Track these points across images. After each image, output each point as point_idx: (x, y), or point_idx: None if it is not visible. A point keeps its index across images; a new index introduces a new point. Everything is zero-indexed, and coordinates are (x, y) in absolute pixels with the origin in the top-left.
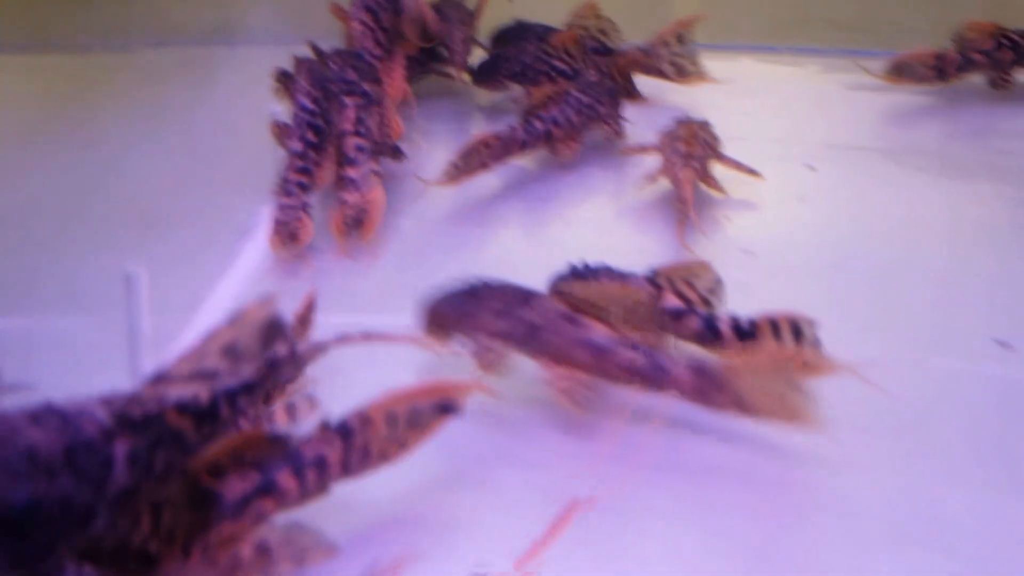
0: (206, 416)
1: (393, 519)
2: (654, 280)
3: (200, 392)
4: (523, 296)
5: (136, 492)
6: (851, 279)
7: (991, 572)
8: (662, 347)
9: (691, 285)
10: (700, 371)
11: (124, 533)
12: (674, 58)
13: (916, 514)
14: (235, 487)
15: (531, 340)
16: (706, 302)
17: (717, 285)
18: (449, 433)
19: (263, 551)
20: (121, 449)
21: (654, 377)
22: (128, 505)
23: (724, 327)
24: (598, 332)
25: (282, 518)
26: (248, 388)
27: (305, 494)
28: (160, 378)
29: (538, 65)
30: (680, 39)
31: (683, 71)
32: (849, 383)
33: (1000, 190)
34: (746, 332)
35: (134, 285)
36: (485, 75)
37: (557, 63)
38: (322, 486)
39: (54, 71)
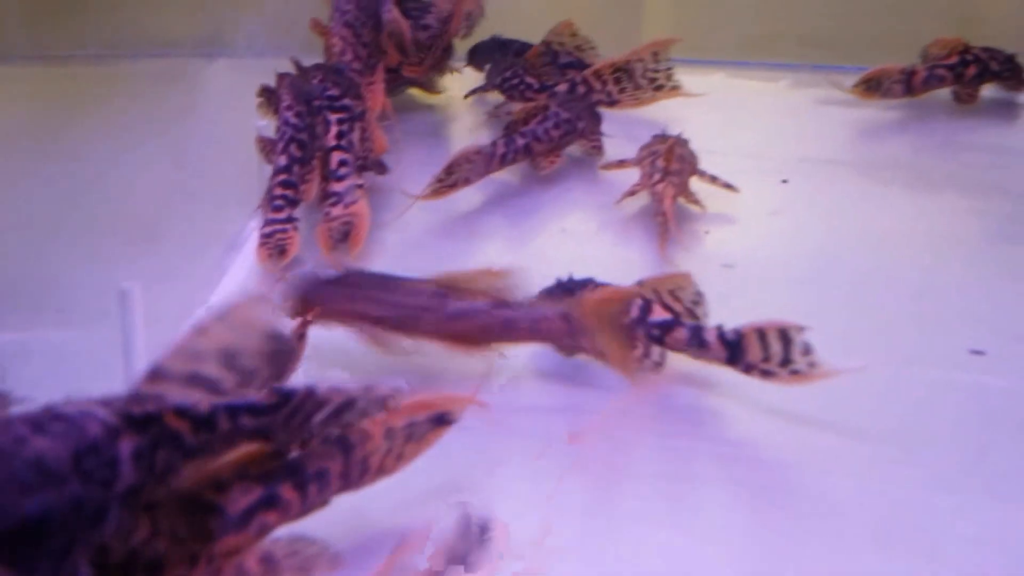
0: (203, 424)
1: (395, 528)
2: (641, 288)
3: (200, 399)
4: (393, 281)
5: (142, 489)
6: (827, 291)
7: (968, 569)
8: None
9: (677, 297)
10: (567, 318)
11: (131, 534)
12: (648, 73)
13: (900, 519)
14: (238, 500)
15: (410, 321)
16: (691, 314)
17: (699, 297)
18: (447, 442)
19: (268, 562)
20: (126, 447)
21: (533, 328)
22: (136, 503)
23: (710, 337)
24: (471, 301)
25: (286, 529)
26: (253, 410)
27: (307, 506)
28: (156, 374)
29: (514, 80)
30: (655, 56)
31: (659, 86)
32: (832, 391)
33: (968, 203)
34: (732, 342)
35: (128, 300)
36: (477, 56)
37: (530, 79)
38: (323, 498)
39: (37, 82)
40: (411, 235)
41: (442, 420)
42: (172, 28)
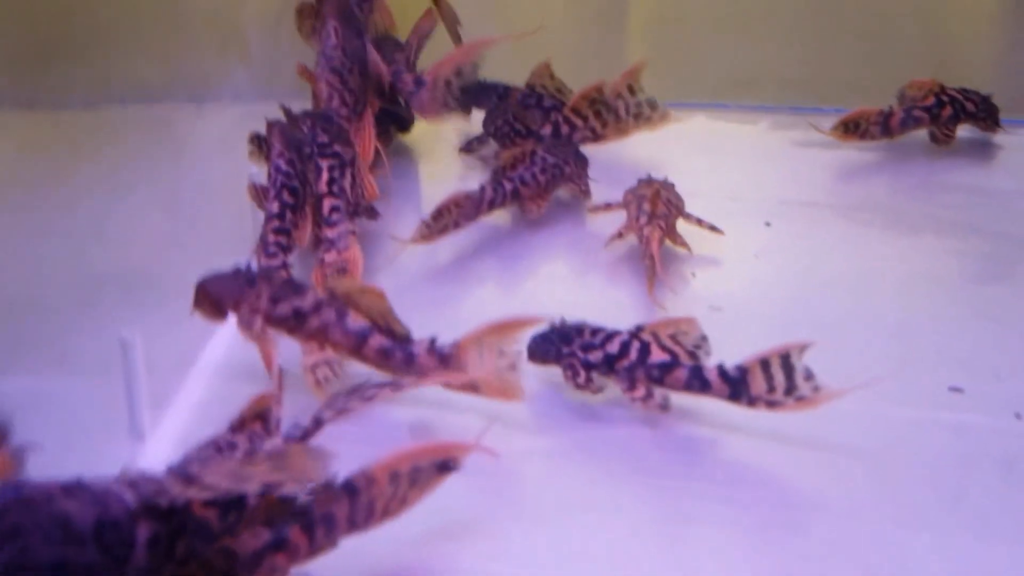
0: (232, 507)
1: (398, 568)
2: (639, 335)
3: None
4: (295, 287)
5: (156, 572)
6: (811, 332)
7: None
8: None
9: (677, 341)
10: (440, 355)
11: None
12: (629, 107)
13: (884, 556)
14: (248, 543)
15: (299, 325)
16: (693, 357)
17: (702, 341)
18: (450, 484)
19: None
20: (143, 533)
21: (403, 360)
22: None
23: (711, 376)
24: (357, 320)
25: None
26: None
27: (314, 549)
28: (184, 472)
29: (505, 128)
30: (631, 90)
31: (641, 117)
32: (813, 428)
33: (945, 243)
34: (734, 379)
35: (129, 350)
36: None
37: (518, 125)
38: (330, 541)
39: (23, 130)
40: (403, 280)
41: (446, 467)
42: (158, 74)
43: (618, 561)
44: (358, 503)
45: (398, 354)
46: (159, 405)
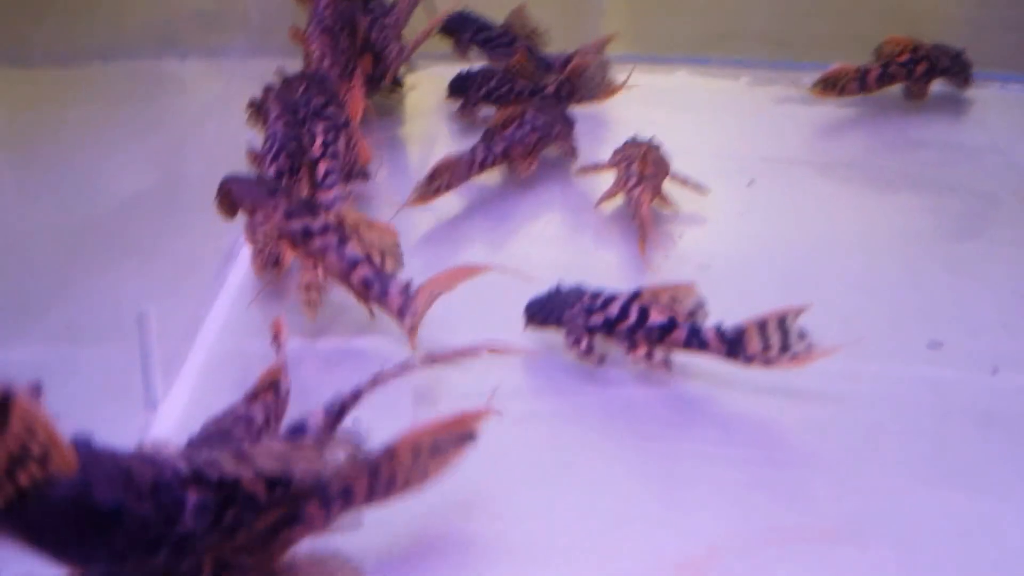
0: (279, 483)
1: (412, 541)
2: (640, 299)
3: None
4: (310, 207)
5: (198, 540)
6: (793, 289)
7: (937, 558)
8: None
9: (675, 304)
10: (405, 297)
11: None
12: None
13: (871, 506)
14: (266, 516)
15: (305, 242)
16: (691, 319)
17: (699, 307)
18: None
19: (292, 574)
20: (192, 499)
21: (378, 294)
22: (187, 550)
23: (709, 336)
24: (354, 250)
25: (312, 543)
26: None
27: (331, 522)
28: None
29: (502, 87)
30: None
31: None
32: (797, 384)
33: (920, 200)
34: (731, 339)
35: (145, 323)
36: (456, 90)
37: (518, 85)
38: (347, 514)
39: (5, 86)
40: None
41: (466, 439)
42: (140, 29)
43: (618, 519)
44: (379, 478)
45: (376, 287)
46: (167, 371)
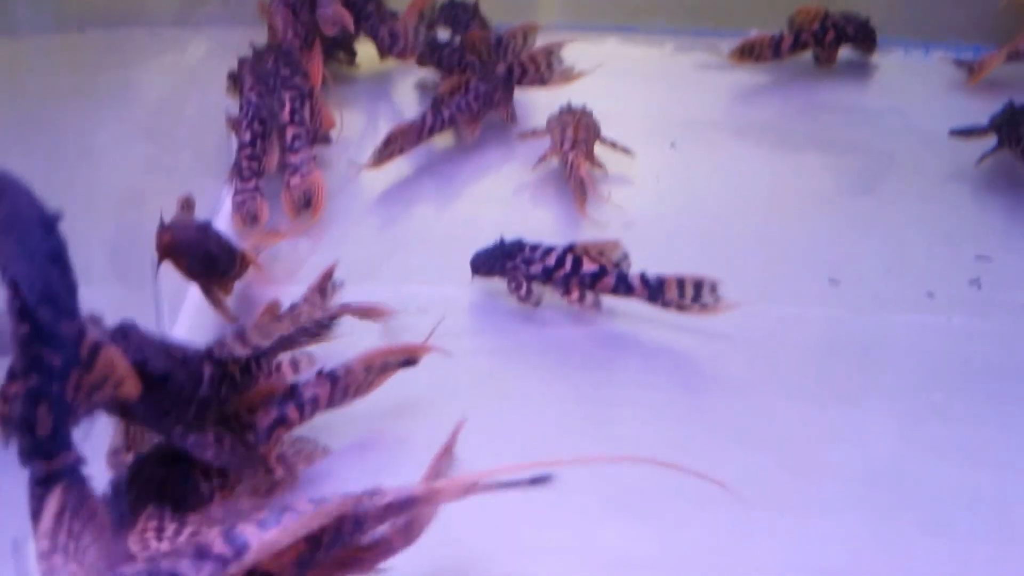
0: (245, 370)
1: (363, 435)
2: (573, 251)
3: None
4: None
5: (211, 404)
6: (708, 244)
7: (815, 458)
8: None
9: (602, 258)
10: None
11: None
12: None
13: (765, 424)
14: (263, 420)
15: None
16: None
17: (624, 258)
18: (408, 376)
19: (282, 458)
20: (208, 371)
21: None
22: (205, 412)
23: (635, 282)
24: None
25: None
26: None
27: (304, 420)
28: (239, 334)
29: (453, 58)
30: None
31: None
32: (713, 324)
33: (825, 160)
34: (654, 286)
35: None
36: (425, 59)
37: (469, 58)
38: (316, 413)
39: None
40: (356, 201)
41: (407, 362)
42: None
43: (553, 435)
44: (337, 387)
45: None
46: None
